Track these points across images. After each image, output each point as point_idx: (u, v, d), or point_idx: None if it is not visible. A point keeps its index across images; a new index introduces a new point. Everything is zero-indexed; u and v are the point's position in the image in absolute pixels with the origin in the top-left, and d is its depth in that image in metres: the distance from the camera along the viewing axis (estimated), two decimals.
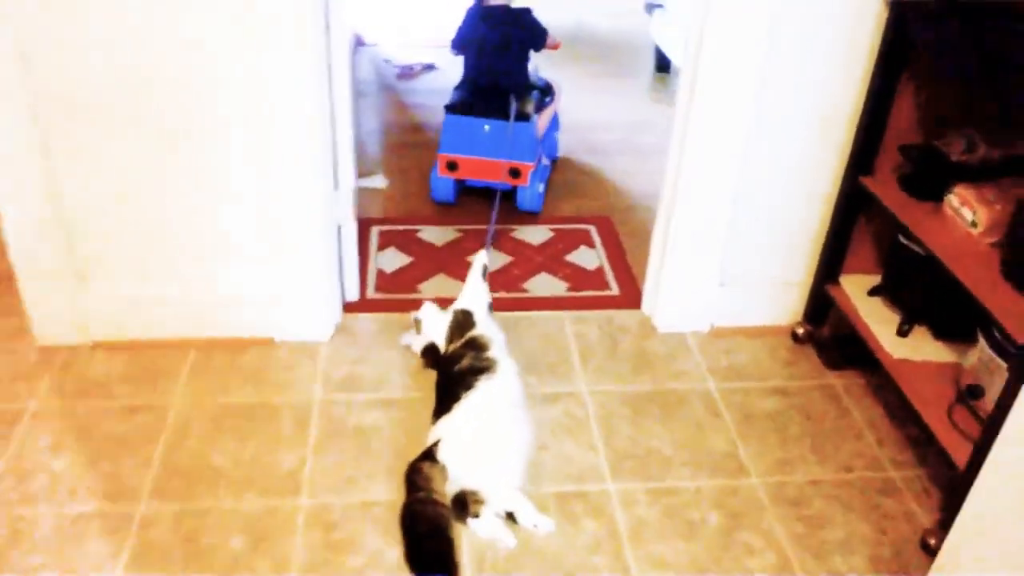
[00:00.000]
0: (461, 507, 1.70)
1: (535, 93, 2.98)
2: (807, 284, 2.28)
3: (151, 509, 1.73)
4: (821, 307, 2.25)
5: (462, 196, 2.98)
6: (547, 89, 3.11)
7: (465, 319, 2.08)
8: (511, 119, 2.79)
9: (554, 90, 3.16)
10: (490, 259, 2.31)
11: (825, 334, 2.28)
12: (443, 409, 1.88)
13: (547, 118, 3.06)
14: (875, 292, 2.11)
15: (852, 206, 2.10)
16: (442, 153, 2.86)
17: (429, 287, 2.49)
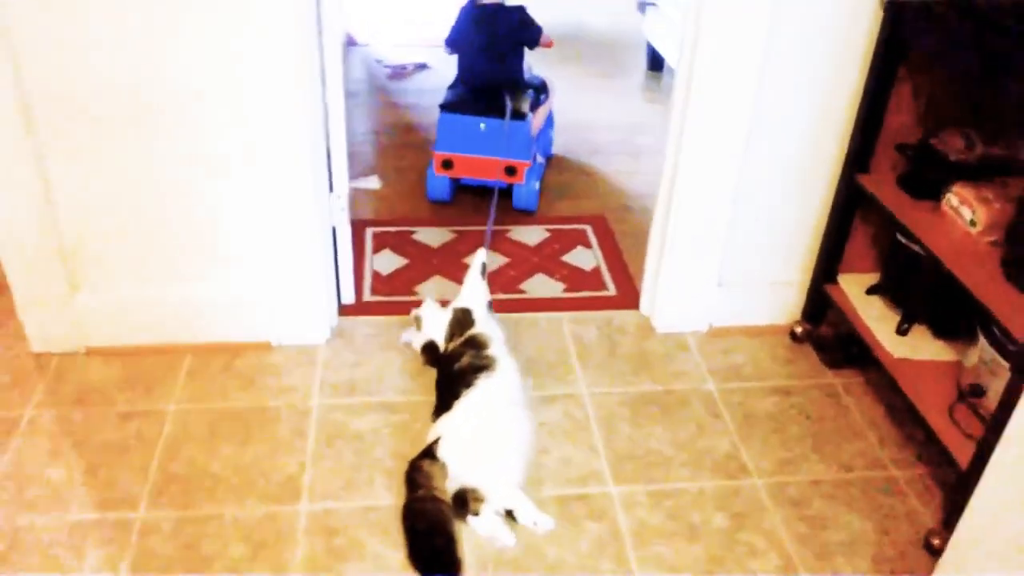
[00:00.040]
0: (461, 505, 1.70)
1: (530, 91, 2.97)
2: (805, 283, 2.28)
3: (150, 517, 1.72)
4: (819, 306, 2.25)
5: (457, 195, 2.97)
6: (542, 87, 3.11)
7: (465, 317, 2.07)
8: (507, 117, 2.78)
9: (548, 88, 3.15)
10: (488, 258, 2.30)
11: (824, 333, 2.29)
12: (443, 407, 1.88)
13: (542, 116, 3.06)
14: (873, 291, 2.12)
15: (850, 205, 2.10)
16: (438, 152, 2.85)
17: (425, 289, 2.47)
